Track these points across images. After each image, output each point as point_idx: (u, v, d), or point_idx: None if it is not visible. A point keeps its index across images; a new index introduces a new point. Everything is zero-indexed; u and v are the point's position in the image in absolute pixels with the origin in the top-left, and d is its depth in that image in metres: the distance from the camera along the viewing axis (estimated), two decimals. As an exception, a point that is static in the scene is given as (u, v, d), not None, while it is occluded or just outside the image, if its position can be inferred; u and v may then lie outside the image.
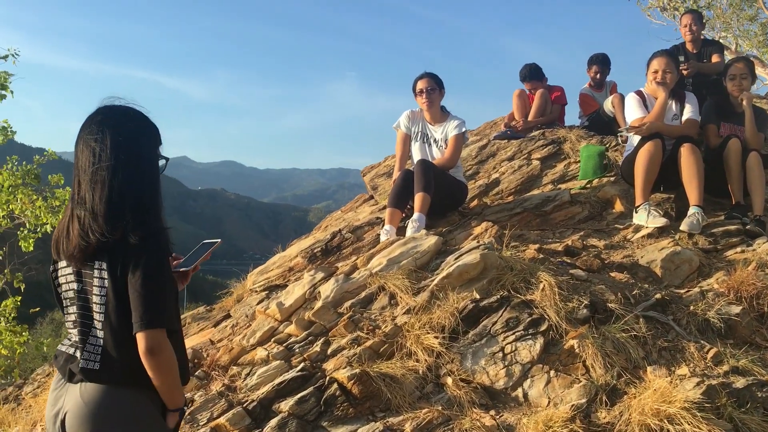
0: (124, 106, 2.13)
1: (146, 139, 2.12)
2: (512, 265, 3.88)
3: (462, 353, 3.46)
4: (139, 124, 2.12)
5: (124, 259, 1.96)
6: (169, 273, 2.06)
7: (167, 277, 2.03)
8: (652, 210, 4.71)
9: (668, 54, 5.16)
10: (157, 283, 1.96)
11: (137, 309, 1.93)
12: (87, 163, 2.03)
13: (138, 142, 2.08)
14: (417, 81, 5.38)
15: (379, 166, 6.76)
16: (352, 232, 5.13)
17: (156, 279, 1.96)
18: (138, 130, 2.10)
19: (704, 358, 3.35)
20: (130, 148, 2.05)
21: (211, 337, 4.58)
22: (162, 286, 1.98)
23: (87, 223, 1.99)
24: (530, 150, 6.28)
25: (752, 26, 17.50)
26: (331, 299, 3.97)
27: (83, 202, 2.02)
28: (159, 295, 1.96)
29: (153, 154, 2.13)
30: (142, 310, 1.92)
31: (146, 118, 2.15)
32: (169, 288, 2.04)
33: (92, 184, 2.01)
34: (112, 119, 2.07)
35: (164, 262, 2.03)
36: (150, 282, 1.94)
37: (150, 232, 1.99)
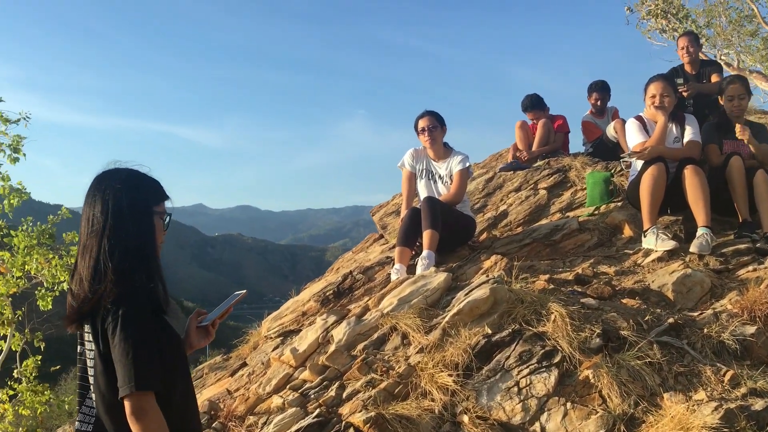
0: (117, 170, 2.17)
1: (137, 200, 2.14)
2: (522, 298, 3.88)
3: (477, 390, 3.44)
4: (130, 187, 2.14)
5: (103, 322, 1.99)
6: (152, 332, 2.02)
7: (149, 336, 2.00)
8: (660, 233, 4.71)
9: (664, 78, 5.21)
10: (135, 344, 1.94)
11: (119, 372, 1.93)
12: (83, 231, 2.11)
13: (127, 204, 2.10)
14: (418, 120, 5.46)
15: (388, 205, 6.82)
16: (363, 273, 5.16)
17: (135, 340, 1.95)
18: (129, 193, 2.12)
19: (721, 382, 3.31)
20: (119, 212, 2.08)
21: (228, 386, 4.60)
22: (143, 347, 1.96)
23: (76, 289, 2.05)
24: (536, 180, 6.31)
25: (754, 41, 17.55)
26: (343, 342, 3.98)
27: (75, 268, 2.10)
28: (140, 356, 1.94)
29: (145, 214, 2.15)
30: (124, 373, 1.92)
31: (141, 179, 2.19)
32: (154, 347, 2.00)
33: (83, 251, 2.09)
34: (104, 185, 2.13)
35: (145, 321, 2.01)
36: (128, 344, 1.93)
37: (126, 292, 2.00)
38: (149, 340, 1.99)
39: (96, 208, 2.09)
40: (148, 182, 2.21)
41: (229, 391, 4.54)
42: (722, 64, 15.96)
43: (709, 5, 17.30)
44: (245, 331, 5.62)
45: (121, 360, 1.93)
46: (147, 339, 1.99)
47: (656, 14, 16.11)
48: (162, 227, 2.23)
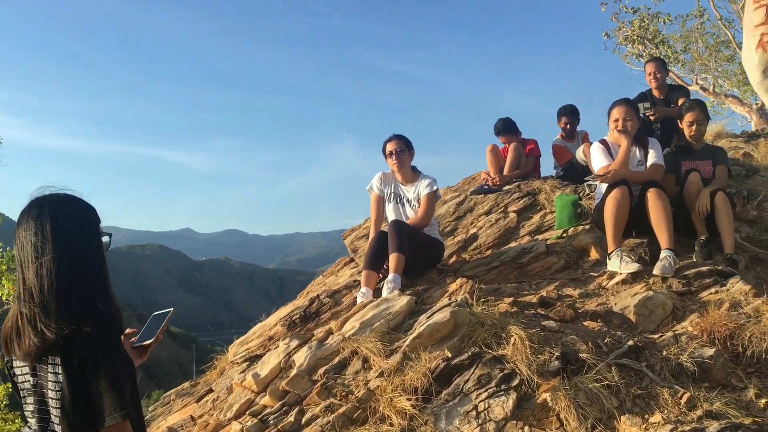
0: (55, 194, 2.13)
1: (84, 222, 2.12)
2: (483, 321, 3.88)
3: (436, 414, 3.42)
4: (74, 209, 2.12)
5: (80, 351, 1.94)
6: (125, 359, 2.04)
7: (125, 364, 2.02)
8: (624, 256, 4.74)
9: (627, 102, 5.28)
10: (120, 372, 1.95)
11: (108, 401, 1.91)
12: (30, 258, 2.02)
13: (77, 227, 2.08)
14: (386, 143, 5.49)
15: (360, 229, 6.82)
16: (330, 296, 5.14)
17: (119, 368, 1.96)
18: (75, 216, 2.10)
19: (678, 404, 3.30)
20: (70, 235, 2.05)
21: (193, 413, 4.55)
22: (125, 375, 1.98)
23: (39, 320, 1.97)
24: (506, 203, 6.35)
25: (731, 66, 17.85)
26: (305, 367, 3.96)
27: (31, 298, 2.00)
28: (121, 385, 1.94)
29: (94, 235, 2.14)
30: (113, 401, 1.91)
31: (80, 201, 2.16)
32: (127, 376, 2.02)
33: (38, 279, 2.00)
34: (48, 210, 2.07)
35: (120, 349, 2.01)
36: (116, 372, 1.94)
37: (102, 320, 1.98)
38: (126, 369, 2.01)
39: (42, 231, 2.03)
40: (87, 206, 2.18)
41: (192, 417, 4.49)
42: (698, 89, 16.22)
43: (686, 31, 17.63)
44: (214, 356, 5.58)
45: (110, 388, 1.91)
46: (125, 367, 2.01)
47: (633, 40, 16.37)
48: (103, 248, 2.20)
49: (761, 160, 7.28)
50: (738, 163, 6.86)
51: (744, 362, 3.68)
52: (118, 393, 1.92)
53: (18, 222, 2.11)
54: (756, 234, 5.50)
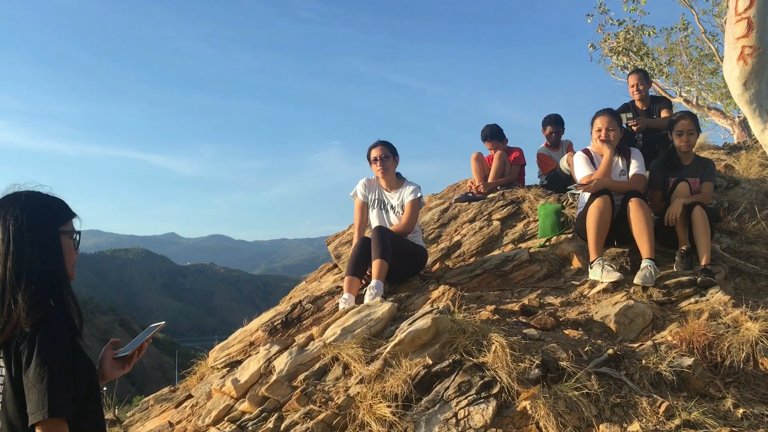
0: (17, 194, 2.12)
1: (40, 222, 2.08)
2: (465, 328, 3.87)
3: (416, 421, 3.41)
4: (32, 209, 2.09)
5: (17, 347, 1.94)
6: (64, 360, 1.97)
7: (65, 362, 1.95)
8: (605, 265, 4.76)
9: (610, 112, 5.32)
10: (51, 369, 1.90)
11: (32, 399, 1.88)
12: None
13: (29, 227, 2.05)
14: (371, 149, 5.49)
15: (343, 235, 6.80)
16: (312, 302, 5.12)
17: (51, 365, 1.90)
18: (30, 215, 2.07)
19: (656, 413, 3.32)
20: (20, 235, 2.03)
21: (171, 418, 4.50)
22: (59, 373, 1.91)
23: None
24: (490, 211, 6.36)
25: (715, 79, 18.04)
26: (285, 372, 3.93)
27: None
28: (55, 382, 1.89)
29: (49, 235, 2.10)
30: (37, 399, 1.87)
31: (43, 200, 2.14)
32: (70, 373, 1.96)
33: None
34: (4, 210, 2.07)
35: (61, 346, 1.96)
36: (43, 369, 1.89)
37: (45, 318, 1.96)
38: (65, 366, 1.95)
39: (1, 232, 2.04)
40: (51, 202, 2.16)
41: (171, 423, 4.44)
42: (681, 101, 16.38)
43: (670, 44, 17.80)
44: (194, 362, 5.53)
45: (35, 385, 1.88)
46: (63, 365, 1.94)
47: (618, 51, 16.51)
48: (72, 246, 2.17)
49: (742, 172, 7.35)
50: (720, 175, 6.92)
51: (722, 372, 3.71)
52: (45, 390, 1.87)
53: None
54: (736, 245, 5.55)
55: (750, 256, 5.42)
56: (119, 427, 5.01)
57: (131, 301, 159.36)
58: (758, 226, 5.75)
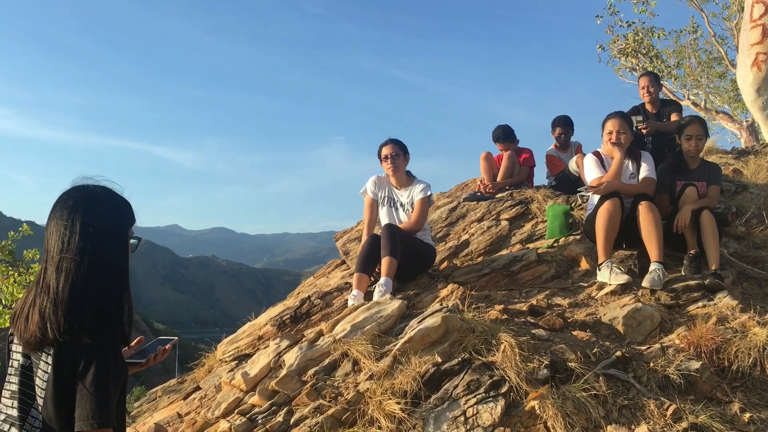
0: (96, 188, 2.07)
1: (116, 224, 2.07)
2: (474, 327, 3.90)
3: (424, 418, 3.44)
4: (110, 209, 2.06)
5: (75, 352, 1.92)
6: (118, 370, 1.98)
7: (118, 374, 1.97)
8: (614, 267, 4.79)
9: (621, 115, 5.34)
10: (107, 380, 1.91)
11: (85, 406, 1.88)
12: (55, 249, 1.99)
13: (106, 227, 2.03)
14: (382, 147, 5.52)
15: (352, 231, 6.83)
16: (321, 298, 5.15)
17: (108, 376, 1.91)
18: (108, 216, 2.05)
19: (664, 416, 3.34)
20: (99, 236, 2.00)
21: (179, 410, 4.54)
22: (113, 384, 1.93)
23: (47, 314, 1.94)
24: (499, 211, 6.38)
25: (723, 83, 18.02)
26: (295, 367, 3.96)
27: (47, 290, 1.98)
28: (108, 393, 1.91)
29: (123, 239, 2.08)
30: (90, 407, 1.88)
31: (118, 200, 2.10)
32: (119, 385, 1.98)
33: (57, 273, 1.97)
34: (82, 204, 2.02)
35: (116, 358, 1.97)
36: (101, 380, 1.89)
37: (105, 328, 1.95)
38: (118, 378, 1.97)
39: (72, 226, 1.99)
40: (124, 203, 2.13)
41: (179, 414, 4.48)
42: (689, 104, 16.36)
43: (679, 46, 17.80)
44: (201, 354, 5.57)
45: (90, 393, 1.88)
46: (118, 378, 1.96)
47: (627, 53, 16.49)
48: (130, 251, 2.15)
49: (750, 177, 7.36)
50: (728, 180, 6.93)
51: (729, 376, 3.73)
52: (100, 400, 1.88)
53: (53, 207, 2.06)
54: (744, 250, 5.57)
55: (757, 261, 5.44)
56: (127, 418, 5.05)
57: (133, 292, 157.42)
58: (766, 231, 5.76)
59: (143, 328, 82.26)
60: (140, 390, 17.29)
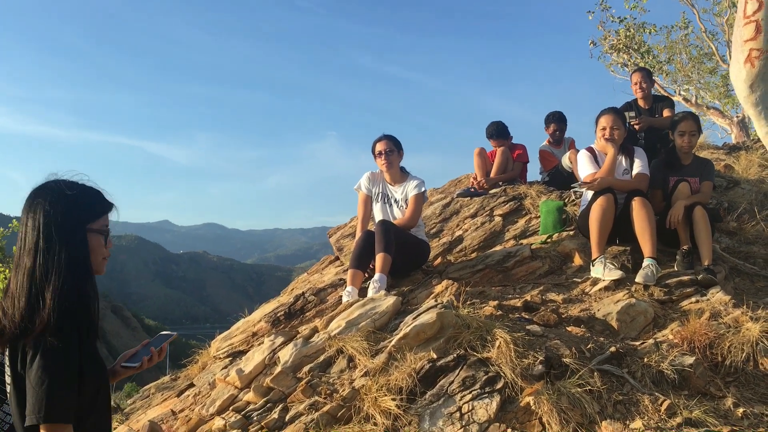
0: (54, 184, 2.07)
1: (72, 218, 2.04)
2: (469, 323, 3.90)
3: (420, 414, 3.44)
4: (63, 203, 2.04)
5: (25, 346, 1.91)
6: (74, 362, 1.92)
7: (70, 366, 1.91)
8: (608, 263, 4.80)
9: (615, 111, 5.35)
10: (52, 374, 1.86)
11: (30, 400, 1.86)
12: (18, 248, 2.03)
13: (63, 224, 2.01)
14: (376, 143, 5.51)
15: (345, 227, 6.83)
16: (315, 294, 5.15)
17: (53, 370, 1.87)
18: (64, 211, 2.03)
19: (658, 411, 3.36)
20: (55, 231, 1.99)
21: (173, 407, 4.53)
22: (61, 378, 1.87)
23: (7, 311, 1.96)
24: (492, 207, 6.39)
25: (713, 78, 18.08)
26: (290, 364, 3.96)
27: (6, 289, 2.01)
28: (55, 387, 1.86)
29: (80, 232, 2.05)
30: (34, 402, 1.85)
31: (76, 193, 2.07)
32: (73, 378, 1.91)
33: (16, 271, 2.00)
34: (37, 202, 2.03)
35: (69, 350, 1.91)
36: (45, 373, 1.86)
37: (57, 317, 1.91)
38: (69, 371, 1.90)
39: (29, 224, 2.01)
40: (84, 197, 2.10)
41: (173, 411, 4.47)
42: (680, 99, 16.42)
43: (670, 42, 17.83)
44: (195, 351, 5.55)
45: (35, 388, 1.85)
46: (67, 369, 1.90)
47: (618, 48, 16.53)
48: (101, 242, 2.11)
49: (742, 172, 7.40)
50: (719, 175, 6.97)
51: (723, 371, 3.75)
52: (44, 395, 1.84)
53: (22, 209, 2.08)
54: (735, 245, 5.60)
55: (749, 256, 5.47)
56: (120, 415, 5.03)
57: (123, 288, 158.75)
58: (757, 227, 5.80)
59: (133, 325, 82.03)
60: (131, 387, 17.22)
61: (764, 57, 3.96)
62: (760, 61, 3.97)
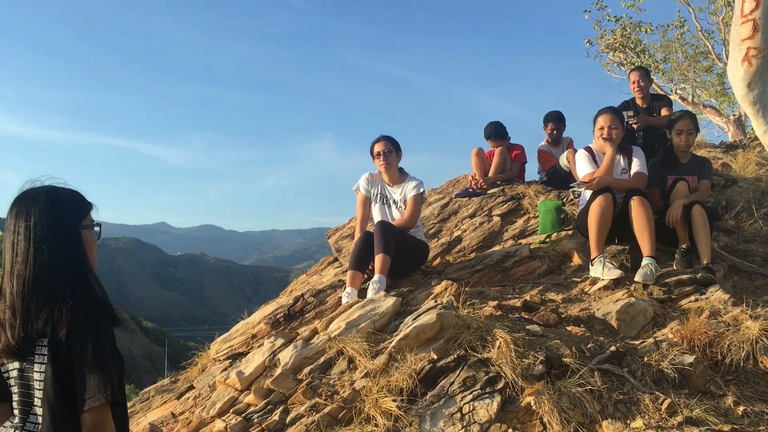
0: (36, 191, 2.12)
1: (62, 220, 2.09)
2: (469, 324, 3.91)
3: (420, 415, 3.44)
4: (53, 207, 2.09)
5: (68, 332, 1.93)
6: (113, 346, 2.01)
7: (111, 349, 1.98)
8: (607, 262, 4.81)
9: (613, 111, 5.35)
10: (103, 357, 1.93)
11: (84, 385, 1.89)
12: (8, 259, 2.05)
13: (53, 227, 2.06)
14: (374, 144, 5.51)
15: (344, 228, 6.83)
16: (315, 296, 5.14)
17: (102, 353, 1.93)
18: (52, 215, 2.07)
19: (659, 410, 3.36)
20: (47, 235, 2.04)
21: (173, 409, 4.52)
22: (107, 360, 1.94)
23: (8, 320, 1.98)
24: (491, 207, 6.39)
25: (709, 77, 18.10)
26: (290, 366, 3.95)
27: (4, 298, 2.03)
28: (105, 369, 1.92)
29: (73, 232, 2.11)
30: (90, 386, 1.89)
31: (61, 196, 2.13)
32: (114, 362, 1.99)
33: (11, 279, 2.02)
34: (24, 210, 2.07)
35: (108, 334, 1.99)
36: (96, 357, 1.91)
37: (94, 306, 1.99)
38: (115, 358, 1.99)
39: (19, 233, 2.04)
40: (69, 198, 2.16)
41: (173, 414, 4.46)
42: (677, 98, 16.45)
43: (666, 41, 17.85)
44: (194, 353, 5.54)
45: (96, 369, 1.89)
46: (115, 356, 1.99)
47: (615, 48, 16.55)
48: (94, 239, 2.20)
49: (739, 170, 7.41)
50: (717, 174, 6.98)
51: (723, 370, 3.75)
52: (104, 375, 1.90)
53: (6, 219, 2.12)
54: (734, 244, 5.61)
55: (747, 254, 5.48)
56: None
57: (121, 290, 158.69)
58: (755, 225, 5.81)
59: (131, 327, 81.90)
60: (130, 389, 17.20)
61: (762, 56, 3.97)
62: (757, 59, 3.98)
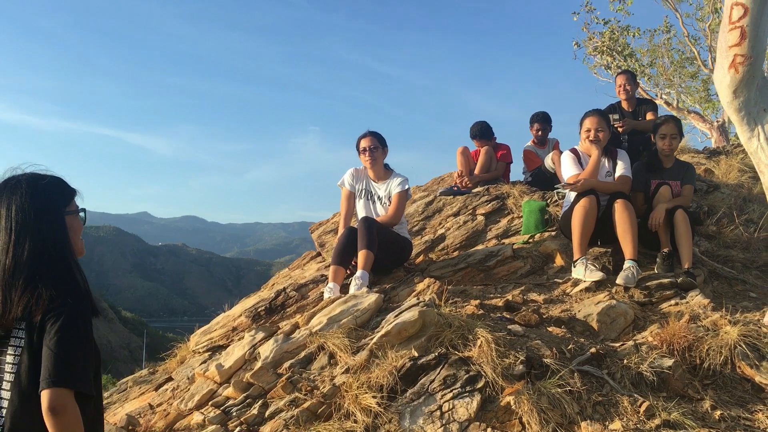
0: (18, 179, 2.12)
1: (45, 206, 2.10)
2: (451, 322, 3.90)
3: (400, 413, 3.44)
4: (35, 194, 2.10)
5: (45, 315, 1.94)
6: (89, 335, 2.00)
7: (86, 338, 1.98)
8: (589, 264, 4.83)
9: (599, 113, 5.37)
10: (72, 342, 1.92)
11: (46, 366, 1.89)
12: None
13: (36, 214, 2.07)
14: (360, 140, 5.49)
15: (327, 223, 6.80)
16: (297, 290, 5.12)
17: (72, 338, 1.93)
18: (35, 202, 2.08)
19: (637, 412, 3.38)
20: (31, 223, 2.05)
21: (151, 401, 4.48)
22: (78, 346, 1.94)
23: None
24: (475, 206, 6.40)
25: (694, 83, 18.26)
26: (270, 360, 3.93)
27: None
28: (73, 354, 1.91)
29: (57, 218, 2.11)
30: (51, 367, 1.88)
31: (43, 183, 2.13)
32: (87, 351, 1.98)
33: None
34: (6, 199, 2.08)
35: (84, 322, 1.99)
36: (64, 340, 1.91)
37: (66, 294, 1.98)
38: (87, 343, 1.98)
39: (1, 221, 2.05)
40: (52, 185, 2.16)
41: (151, 405, 4.42)
42: (662, 103, 16.58)
43: (653, 45, 17.99)
44: (173, 344, 5.50)
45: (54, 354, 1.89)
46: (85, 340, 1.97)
47: (602, 51, 16.63)
48: (79, 224, 2.21)
49: (722, 176, 7.48)
50: (700, 179, 7.04)
51: (701, 374, 3.78)
52: (71, 363, 1.90)
53: None
54: (714, 249, 5.66)
55: (727, 260, 5.53)
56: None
57: (101, 279, 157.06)
58: (736, 231, 5.86)
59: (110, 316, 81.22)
60: (107, 379, 17.04)
61: (748, 63, 3.99)
62: (744, 66, 4.00)
